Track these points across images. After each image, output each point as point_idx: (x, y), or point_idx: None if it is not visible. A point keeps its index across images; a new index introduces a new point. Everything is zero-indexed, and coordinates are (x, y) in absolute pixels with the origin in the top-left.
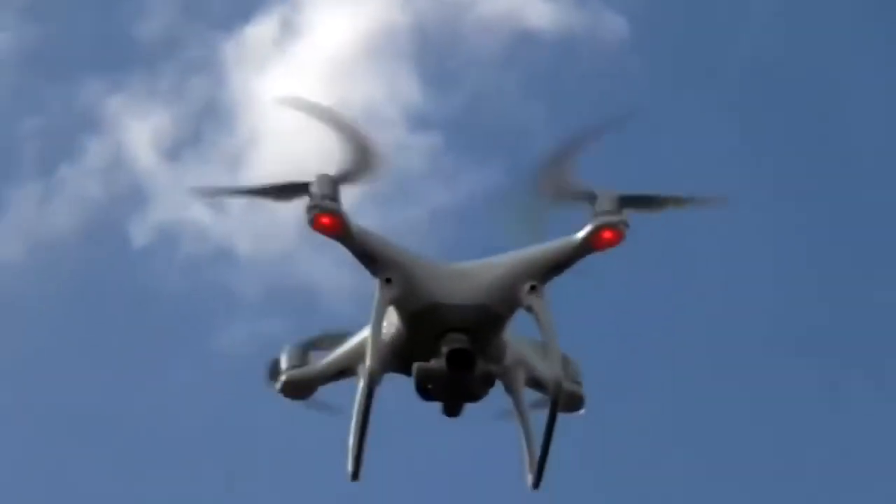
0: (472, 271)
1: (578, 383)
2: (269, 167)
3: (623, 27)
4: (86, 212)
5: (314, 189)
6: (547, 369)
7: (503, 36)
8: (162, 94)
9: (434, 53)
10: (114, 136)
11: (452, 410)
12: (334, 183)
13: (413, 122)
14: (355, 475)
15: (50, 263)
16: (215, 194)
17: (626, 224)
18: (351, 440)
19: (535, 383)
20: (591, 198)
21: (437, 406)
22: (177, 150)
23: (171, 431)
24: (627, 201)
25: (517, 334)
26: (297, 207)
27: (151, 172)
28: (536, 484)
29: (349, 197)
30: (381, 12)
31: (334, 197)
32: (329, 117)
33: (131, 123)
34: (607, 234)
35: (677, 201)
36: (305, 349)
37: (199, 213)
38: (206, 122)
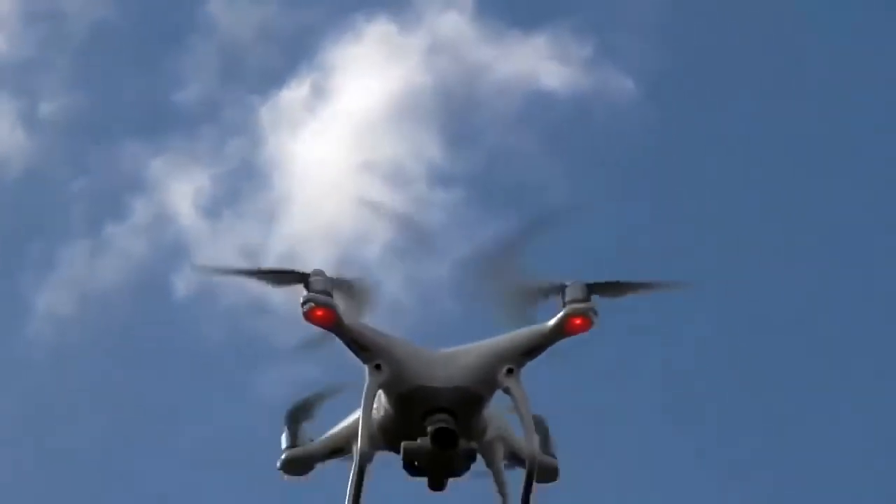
0: (455, 356)
1: (554, 456)
2: (301, 224)
3: (631, 87)
4: (131, 267)
5: (311, 282)
6: (524, 445)
7: (518, 97)
8: (201, 155)
9: (455, 114)
10: (157, 195)
11: (437, 485)
12: (330, 280)
13: (435, 179)
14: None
15: (99, 315)
16: (220, 273)
17: (594, 311)
18: None
19: (514, 456)
20: (560, 288)
21: (423, 481)
22: (216, 207)
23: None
24: (595, 288)
25: (499, 408)
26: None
27: (192, 229)
28: None
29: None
30: (404, 76)
31: (329, 291)
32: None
33: (173, 183)
34: (577, 321)
35: (643, 287)
36: (297, 424)
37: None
38: (243, 181)
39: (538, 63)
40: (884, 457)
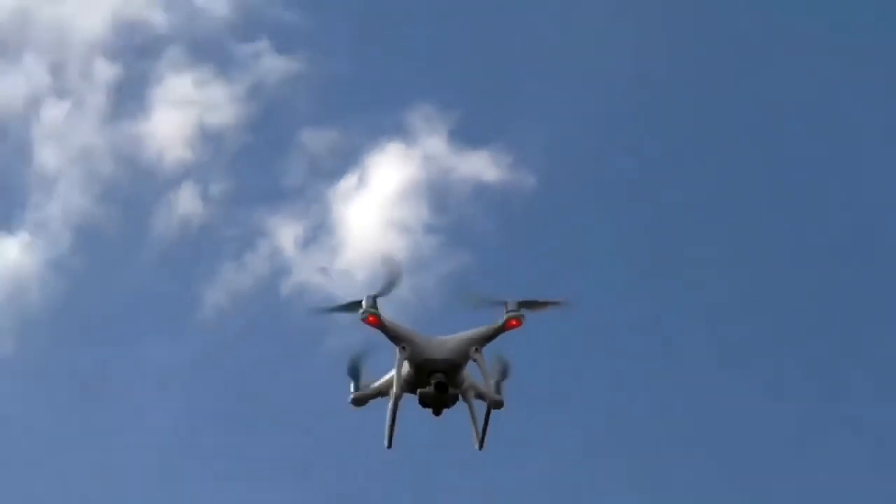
0: (445, 341)
1: (501, 394)
2: (354, 259)
3: (534, 182)
4: (257, 279)
5: (364, 302)
6: (485, 390)
7: (471, 185)
8: (298, 216)
9: (437, 194)
10: (273, 238)
11: (437, 412)
12: (374, 298)
13: (427, 229)
14: (389, 445)
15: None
16: (318, 311)
17: (524, 317)
18: (386, 430)
19: (479, 396)
20: (504, 302)
21: (428, 411)
22: (306, 245)
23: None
24: (524, 304)
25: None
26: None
27: (293, 258)
28: (480, 447)
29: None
30: (410, 172)
31: (375, 306)
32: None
33: (283, 231)
34: (513, 322)
35: (555, 304)
36: (357, 374)
37: (317, 280)
38: (321, 232)
39: (483, 167)
40: None
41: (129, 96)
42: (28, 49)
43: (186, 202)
